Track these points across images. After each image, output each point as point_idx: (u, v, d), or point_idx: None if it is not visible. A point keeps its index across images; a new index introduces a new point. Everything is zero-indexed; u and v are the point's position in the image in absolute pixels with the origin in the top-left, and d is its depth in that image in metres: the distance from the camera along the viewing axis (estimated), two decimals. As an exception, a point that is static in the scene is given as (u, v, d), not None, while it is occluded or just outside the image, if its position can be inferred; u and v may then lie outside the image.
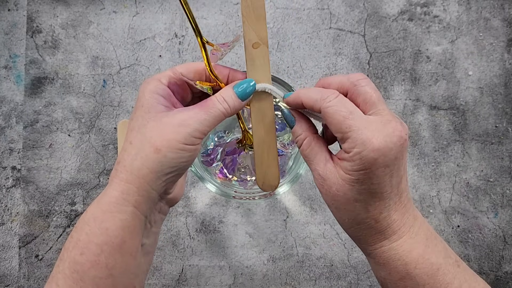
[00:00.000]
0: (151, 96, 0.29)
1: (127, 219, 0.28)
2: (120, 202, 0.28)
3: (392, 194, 0.28)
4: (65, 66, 0.58)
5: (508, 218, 0.56)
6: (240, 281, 0.56)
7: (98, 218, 0.27)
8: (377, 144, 0.26)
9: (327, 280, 0.56)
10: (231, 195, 0.44)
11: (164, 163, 0.28)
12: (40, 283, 0.56)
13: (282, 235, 0.56)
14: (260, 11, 0.30)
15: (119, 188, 0.28)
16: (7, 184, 0.57)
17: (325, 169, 0.29)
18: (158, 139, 0.28)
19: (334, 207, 0.29)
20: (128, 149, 0.28)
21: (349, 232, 0.30)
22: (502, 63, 0.57)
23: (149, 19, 0.58)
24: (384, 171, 0.26)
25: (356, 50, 0.58)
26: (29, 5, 0.58)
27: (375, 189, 0.27)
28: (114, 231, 0.27)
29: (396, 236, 0.28)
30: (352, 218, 0.29)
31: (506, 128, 0.57)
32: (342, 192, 0.28)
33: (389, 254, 0.28)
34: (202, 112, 0.29)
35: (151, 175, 0.28)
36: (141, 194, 0.28)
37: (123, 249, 0.28)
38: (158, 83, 0.29)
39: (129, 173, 0.28)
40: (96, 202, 0.28)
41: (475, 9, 0.58)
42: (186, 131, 0.28)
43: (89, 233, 0.27)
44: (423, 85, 0.57)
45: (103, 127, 0.57)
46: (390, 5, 0.58)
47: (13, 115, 0.57)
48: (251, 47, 0.30)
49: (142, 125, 0.29)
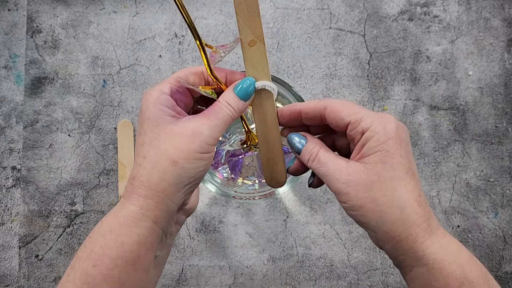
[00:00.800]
0: (156, 108, 0.28)
1: (145, 234, 0.27)
2: (139, 217, 0.27)
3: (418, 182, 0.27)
4: (65, 66, 0.58)
5: (508, 218, 0.56)
6: (240, 281, 0.56)
7: (114, 231, 0.27)
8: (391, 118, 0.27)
9: (327, 280, 0.56)
10: (231, 195, 0.44)
11: (182, 174, 0.28)
12: (40, 283, 0.56)
13: (282, 235, 0.56)
14: (254, 8, 0.29)
15: (137, 203, 0.27)
16: (7, 184, 0.57)
17: (349, 164, 0.28)
18: (173, 151, 0.27)
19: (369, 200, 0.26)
20: (143, 164, 0.28)
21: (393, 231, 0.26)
22: (502, 63, 0.57)
23: (149, 19, 0.58)
24: (406, 146, 0.27)
25: (356, 50, 0.58)
26: (29, 5, 0.58)
27: (406, 163, 0.26)
28: (130, 245, 0.27)
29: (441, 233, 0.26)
30: (395, 203, 0.25)
31: (506, 128, 0.57)
32: (375, 175, 0.26)
33: (445, 254, 0.25)
34: (212, 118, 0.28)
35: (170, 189, 0.27)
36: (161, 209, 0.28)
37: (137, 264, 0.27)
38: (160, 94, 0.29)
39: (147, 188, 0.27)
40: (113, 214, 0.28)
41: (475, 9, 0.58)
42: (200, 139, 0.28)
43: (104, 246, 0.27)
44: (423, 85, 0.57)
45: (103, 127, 0.57)
46: (390, 5, 0.58)
47: (13, 115, 0.57)
48: (248, 45, 0.30)
49: (154, 138, 0.28)
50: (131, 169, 0.56)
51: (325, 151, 0.30)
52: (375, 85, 0.57)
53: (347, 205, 0.27)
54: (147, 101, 0.28)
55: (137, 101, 0.57)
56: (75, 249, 0.56)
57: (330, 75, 0.58)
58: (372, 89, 0.57)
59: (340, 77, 0.57)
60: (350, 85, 0.57)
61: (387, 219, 0.26)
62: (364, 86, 0.57)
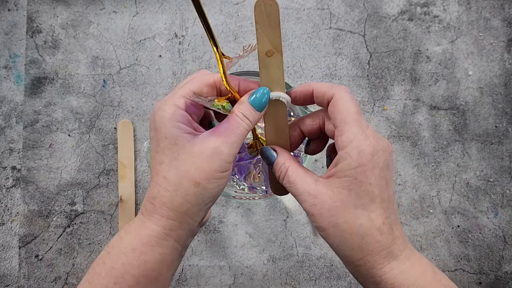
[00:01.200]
0: (173, 125, 0.28)
1: (167, 253, 0.28)
2: (162, 236, 0.28)
3: (390, 205, 0.27)
4: (65, 66, 0.58)
5: (508, 218, 0.56)
6: (240, 281, 0.56)
7: (137, 250, 0.27)
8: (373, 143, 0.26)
9: (327, 280, 0.56)
10: (231, 195, 0.44)
11: (204, 195, 0.28)
12: (40, 283, 0.56)
13: (282, 235, 0.56)
14: (275, 18, 0.29)
15: (160, 224, 0.28)
16: (7, 184, 0.57)
17: (316, 186, 0.28)
18: (195, 173, 0.27)
19: (331, 225, 0.27)
20: (164, 185, 0.28)
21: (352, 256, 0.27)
22: (502, 63, 0.57)
23: (149, 19, 0.58)
24: (380, 173, 0.26)
25: (356, 50, 0.58)
26: (29, 5, 0.58)
27: (373, 191, 0.26)
28: (152, 264, 0.27)
29: (404, 257, 0.26)
30: (355, 231, 0.26)
31: (506, 128, 0.57)
32: (339, 201, 0.26)
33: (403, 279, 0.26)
34: (231, 136, 0.28)
35: (193, 209, 0.28)
36: (183, 228, 0.28)
37: (158, 281, 0.28)
38: (175, 109, 0.28)
39: (170, 209, 0.28)
40: (134, 232, 0.28)
41: (475, 9, 0.58)
42: (220, 158, 0.28)
43: (126, 264, 0.27)
44: (423, 85, 0.57)
45: (103, 127, 0.57)
46: (390, 5, 0.58)
47: (13, 115, 0.57)
48: (265, 55, 0.29)
49: (174, 158, 0.28)
50: (131, 169, 0.56)
51: (294, 169, 0.29)
52: (375, 85, 0.57)
53: (314, 224, 0.28)
54: (162, 117, 0.28)
55: (137, 101, 0.57)
56: (75, 249, 0.56)
57: (330, 75, 0.58)
58: (372, 89, 0.57)
59: (340, 77, 0.57)
60: (350, 85, 0.57)
61: (347, 245, 0.27)
62: (364, 86, 0.57)
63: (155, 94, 0.57)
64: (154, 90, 0.58)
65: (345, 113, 0.27)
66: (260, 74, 0.30)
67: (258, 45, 0.29)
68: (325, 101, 0.29)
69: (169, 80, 0.58)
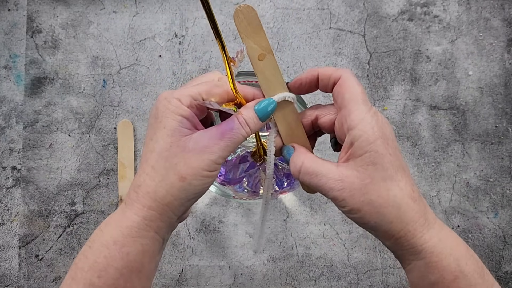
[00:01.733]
0: (174, 118, 0.28)
1: (148, 244, 0.28)
2: (142, 227, 0.28)
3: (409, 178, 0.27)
4: (65, 66, 0.58)
5: (508, 218, 0.56)
6: (240, 281, 0.56)
7: (118, 242, 0.27)
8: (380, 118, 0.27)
9: (327, 280, 0.56)
10: (231, 195, 0.44)
11: (188, 190, 0.28)
12: (40, 283, 0.56)
13: (282, 235, 0.56)
14: (256, 22, 0.29)
15: (141, 214, 0.28)
16: (7, 184, 0.57)
17: (339, 170, 0.27)
18: (183, 167, 0.27)
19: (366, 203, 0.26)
20: (151, 174, 0.28)
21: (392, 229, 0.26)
22: (502, 63, 0.57)
23: (149, 19, 0.58)
24: (393, 143, 0.27)
25: (356, 50, 0.58)
26: (29, 5, 0.58)
27: (395, 161, 0.27)
28: (135, 255, 0.27)
29: (438, 226, 0.26)
30: (390, 203, 0.26)
31: (506, 128, 0.57)
32: (368, 178, 0.26)
33: (442, 248, 0.26)
34: (225, 138, 0.28)
35: (175, 203, 0.28)
36: (163, 220, 0.28)
37: (141, 273, 0.28)
38: (180, 104, 0.28)
39: (152, 200, 0.28)
40: (115, 224, 0.28)
41: (475, 9, 0.58)
42: (210, 158, 0.28)
43: (108, 257, 0.27)
44: (423, 85, 0.57)
45: (103, 127, 0.57)
46: (390, 5, 0.58)
47: (13, 115, 0.57)
48: (257, 60, 0.30)
49: (165, 149, 0.28)
50: (131, 169, 0.56)
51: (311, 161, 0.29)
52: (375, 85, 0.57)
53: (345, 210, 0.28)
54: (166, 108, 0.28)
55: (137, 101, 0.57)
56: (75, 249, 0.56)
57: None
58: (372, 89, 0.57)
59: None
60: (350, 85, 0.57)
61: (385, 219, 0.26)
62: (364, 86, 0.57)
63: (155, 94, 0.57)
64: (154, 90, 0.58)
65: (353, 92, 0.28)
66: (258, 80, 0.30)
67: (248, 53, 0.29)
68: (330, 83, 0.29)
69: (169, 80, 0.58)
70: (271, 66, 0.30)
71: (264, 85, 0.30)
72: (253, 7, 0.29)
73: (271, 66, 0.30)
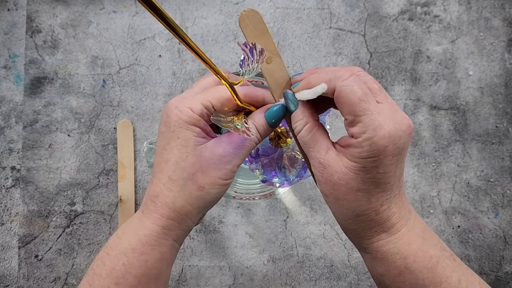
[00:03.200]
0: (188, 128, 0.28)
1: (166, 252, 0.29)
2: (161, 236, 0.28)
3: (394, 186, 0.27)
4: (65, 66, 0.58)
5: (508, 218, 0.56)
6: (240, 282, 0.56)
7: (137, 250, 0.28)
8: (388, 131, 0.25)
9: (327, 281, 0.56)
10: (231, 195, 0.44)
11: (206, 199, 0.29)
12: (40, 283, 0.56)
13: (282, 235, 0.56)
14: (261, 26, 0.29)
15: (160, 223, 0.28)
16: (6, 184, 0.57)
17: (327, 156, 0.27)
18: (200, 177, 0.28)
19: (333, 197, 0.28)
20: (168, 185, 0.28)
21: (346, 225, 0.29)
22: (503, 63, 0.57)
23: (148, 19, 0.58)
24: (391, 160, 0.26)
25: (357, 50, 0.58)
26: (29, 5, 0.58)
27: (380, 179, 0.26)
28: (153, 263, 0.28)
29: (395, 229, 0.28)
30: (352, 209, 0.27)
31: (506, 128, 0.57)
32: (344, 181, 0.27)
33: (387, 248, 0.27)
34: (240, 147, 0.29)
35: (193, 212, 0.29)
36: (182, 228, 0.29)
37: (159, 279, 0.28)
38: (192, 113, 0.28)
39: (171, 210, 0.28)
40: (133, 232, 0.28)
41: (475, 9, 0.58)
42: (226, 167, 0.28)
43: (127, 264, 0.27)
44: (423, 85, 0.57)
45: (103, 127, 0.57)
46: (390, 4, 0.58)
47: (12, 115, 0.57)
48: (265, 63, 0.30)
49: (181, 160, 0.28)
50: (130, 169, 0.56)
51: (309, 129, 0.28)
52: (375, 85, 0.57)
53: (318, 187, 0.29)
54: (179, 118, 0.28)
55: (137, 101, 0.57)
56: (74, 249, 0.56)
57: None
58: (372, 89, 0.57)
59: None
60: (350, 85, 0.57)
61: (342, 216, 0.29)
62: (364, 86, 0.57)
63: (155, 94, 0.57)
64: (154, 90, 0.57)
65: (349, 105, 0.26)
66: (268, 82, 0.30)
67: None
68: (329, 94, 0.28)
69: (169, 80, 0.58)
70: (279, 68, 0.30)
71: (274, 88, 0.30)
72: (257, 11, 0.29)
73: (279, 68, 0.30)
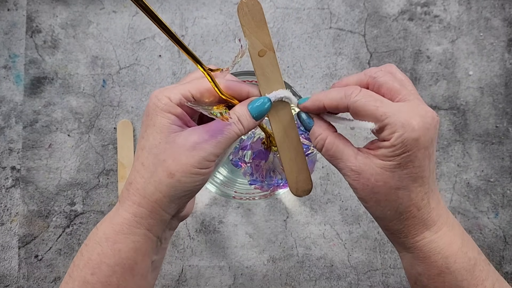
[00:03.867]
0: (164, 116, 0.28)
1: (140, 241, 0.28)
2: (133, 224, 0.28)
3: (430, 179, 0.27)
4: (65, 66, 0.58)
5: (508, 219, 0.56)
6: (240, 282, 0.56)
7: (110, 239, 0.27)
8: (417, 124, 0.25)
9: (327, 281, 0.56)
10: (231, 195, 0.44)
11: (177, 187, 0.28)
12: (40, 283, 0.56)
13: (282, 235, 0.56)
14: (260, 17, 0.28)
15: (131, 210, 0.28)
16: (6, 184, 0.57)
17: (357, 162, 0.27)
18: (171, 163, 0.27)
19: (374, 200, 0.28)
20: (141, 171, 0.28)
21: (390, 226, 0.29)
22: (503, 63, 0.57)
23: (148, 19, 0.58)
24: (424, 153, 0.26)
25: (357, 50, 0.58)
26: (29, 5, 0.58)
27: (416, 173, 0.26)
28: (126, 252, 0.27)
29: (436, 228, 0.28)
30: (395, 208, 0.27)
31: (506, 128, 0.57)
32: (382, 181, 0.27)
33: (430, 247, 0.27)
34: (217, 135, 0.28)
35: (164, 200, 0.28)
36: (154, 217, 0.28)
37: (134, 270, 0.28)
38: (169, 101, 0.28)
39: (142, 196, 0.28)
40: (108, 221, 0.28)
41: (475, 9, 0.58)
42: (200, 155, 0.27)
43: (101, 254, 0.27)
44: (423, 85, 0.57)
45: (103, 127, 0.57)
46: (390, 4, 0.58)
47: (12, 115, 0.57)
48: (257, 56, 0.29)
49: (154, 146, 0.28)
50: (130, 169, 0.56)
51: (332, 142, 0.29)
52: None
53: (356, 195, 0.29)
54: (156, 106, 0.28)
55: (137, 101, 0.57)
56: (74, 249, 0.56)
57: (330, 75, 0.57)
58: (372, 89, 0.57)
59: (341, 77, 0.57)
60: (350, 85, 0.57)
61: (387, 218, 0.28)
62: (364, 86, 0.57)
63: (155, 94, 0.57)
64: (154, 90, 0.57)
65: (369, 116, 0.26)
66: (257, 76, 0.29)
67: (249, 47, 0.29)
68: (342, 111, 0.29)
69: (169, 80, 0.58)
70: (270, 63, 0.29)
71: (262, 82, 0.30)
72: (258, 1, 0.28)
73: (270, 63, 0.29)
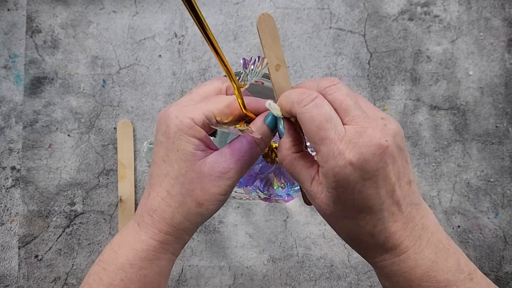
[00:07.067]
0: (189, 141, 0.27)
1: (164, 265, 0.29)
2: (159, 250, 0.28)
3: (385, 205, 0.25)
4: (65, 66, 0.58)
5: (508, 218, 0.56)
6: (240, 282, 0.56)
7: (135, 265, 0.28)
8: (350, 157, 0.23)
9: (327, 281, 0.56)
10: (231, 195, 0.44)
11: (205, 214, 0.28)
12: (40, 284, 0.56)
13: (282, 235, 0.56)
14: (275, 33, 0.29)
15: (157, 238, 0.28)
16: (6, 184, 0.57)
17: (312, 187, 0.27)
18: (200, 194, 0.27)
19: (328, 223, 0.28)
20: (167, 200, 0.28)
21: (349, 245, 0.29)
22: (503, 63, 0.57)
23: (148, 19, 0.58)
24: (365, 185, 0.24)
25: (357, 50, 0.58)
26: (29, 5, 0.58)
27: (360, 204, 0.24)
28: (151, 277, 0.28)
29: (399, 251, 0.26)
30: (346, 233, 0.27)
31: (506, 128, 0.57)
32: (329, 211, 0.26)
33: (392, 269, 0.26)
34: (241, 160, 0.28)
35: (191, 227, 0.29)
36: (179, 243, 0.29)
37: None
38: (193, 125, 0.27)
39: (169, 225, 0.28)
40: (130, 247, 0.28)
41: (475, 9, 0.58)
42: (227, 184, 0.28)
43: (125, 279, 0.28)
44: (423, 85, 0.57)
45: (103, 127, 0.57)
46: (390, 4, 0.58)
47: (12, 115, 0.57)
48: (274, 70, 0.29)
49: (180, 175, 0.27)
50: (130, 169, 0.56)
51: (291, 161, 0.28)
52: (376, 85, 0.57)
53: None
54: (179, 129, 0.27)
55: (137, 101, 0.57)
56: (74, 249, 0.56)
57: (330, 75, 0.57)
58: (373, 89, 0.57)
59: (340, 77, 0.57)
60: (351, 85, 0.57)
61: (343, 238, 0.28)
62: (365, 86, 0.57)
63: (155, 94, 0.57)
64: (154, 90, 0.57)
65: (308, 133, 0.25)
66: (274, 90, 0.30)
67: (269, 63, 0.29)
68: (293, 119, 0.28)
69: (169, 80, 0.58)
70: (284, 77, 0.30)
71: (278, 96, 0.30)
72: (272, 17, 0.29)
73: (284, 77, 0.30)
